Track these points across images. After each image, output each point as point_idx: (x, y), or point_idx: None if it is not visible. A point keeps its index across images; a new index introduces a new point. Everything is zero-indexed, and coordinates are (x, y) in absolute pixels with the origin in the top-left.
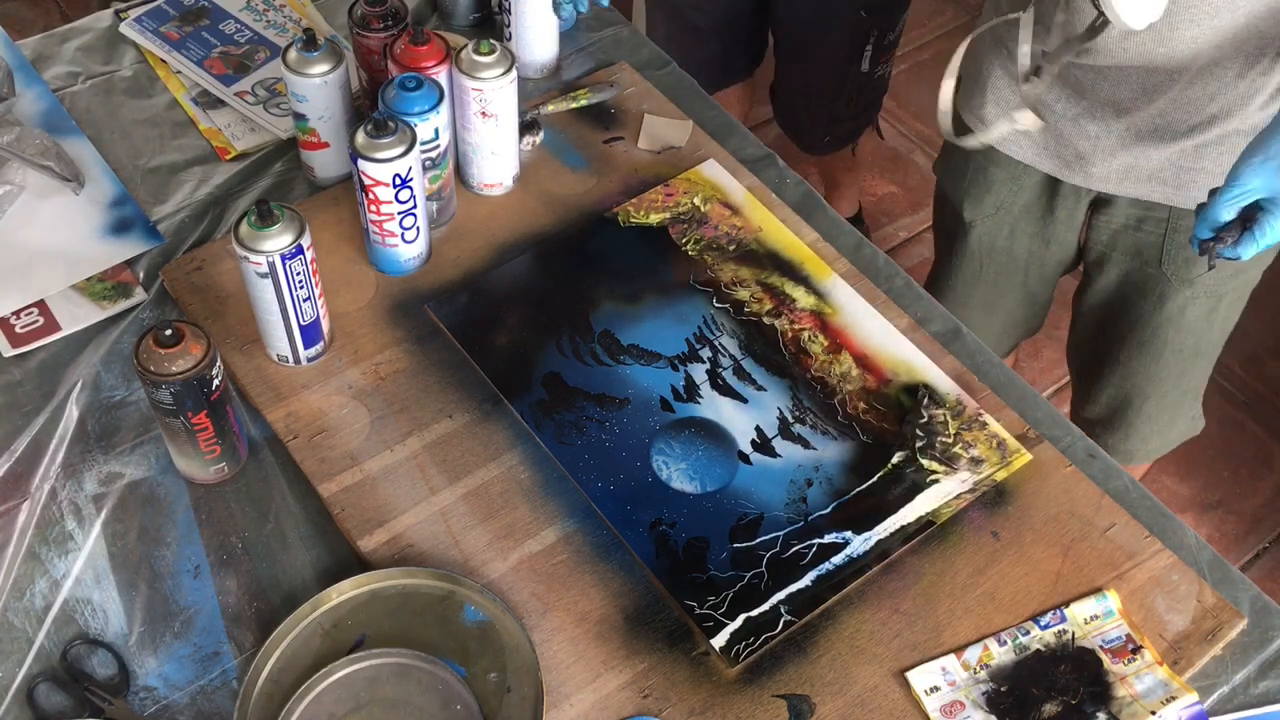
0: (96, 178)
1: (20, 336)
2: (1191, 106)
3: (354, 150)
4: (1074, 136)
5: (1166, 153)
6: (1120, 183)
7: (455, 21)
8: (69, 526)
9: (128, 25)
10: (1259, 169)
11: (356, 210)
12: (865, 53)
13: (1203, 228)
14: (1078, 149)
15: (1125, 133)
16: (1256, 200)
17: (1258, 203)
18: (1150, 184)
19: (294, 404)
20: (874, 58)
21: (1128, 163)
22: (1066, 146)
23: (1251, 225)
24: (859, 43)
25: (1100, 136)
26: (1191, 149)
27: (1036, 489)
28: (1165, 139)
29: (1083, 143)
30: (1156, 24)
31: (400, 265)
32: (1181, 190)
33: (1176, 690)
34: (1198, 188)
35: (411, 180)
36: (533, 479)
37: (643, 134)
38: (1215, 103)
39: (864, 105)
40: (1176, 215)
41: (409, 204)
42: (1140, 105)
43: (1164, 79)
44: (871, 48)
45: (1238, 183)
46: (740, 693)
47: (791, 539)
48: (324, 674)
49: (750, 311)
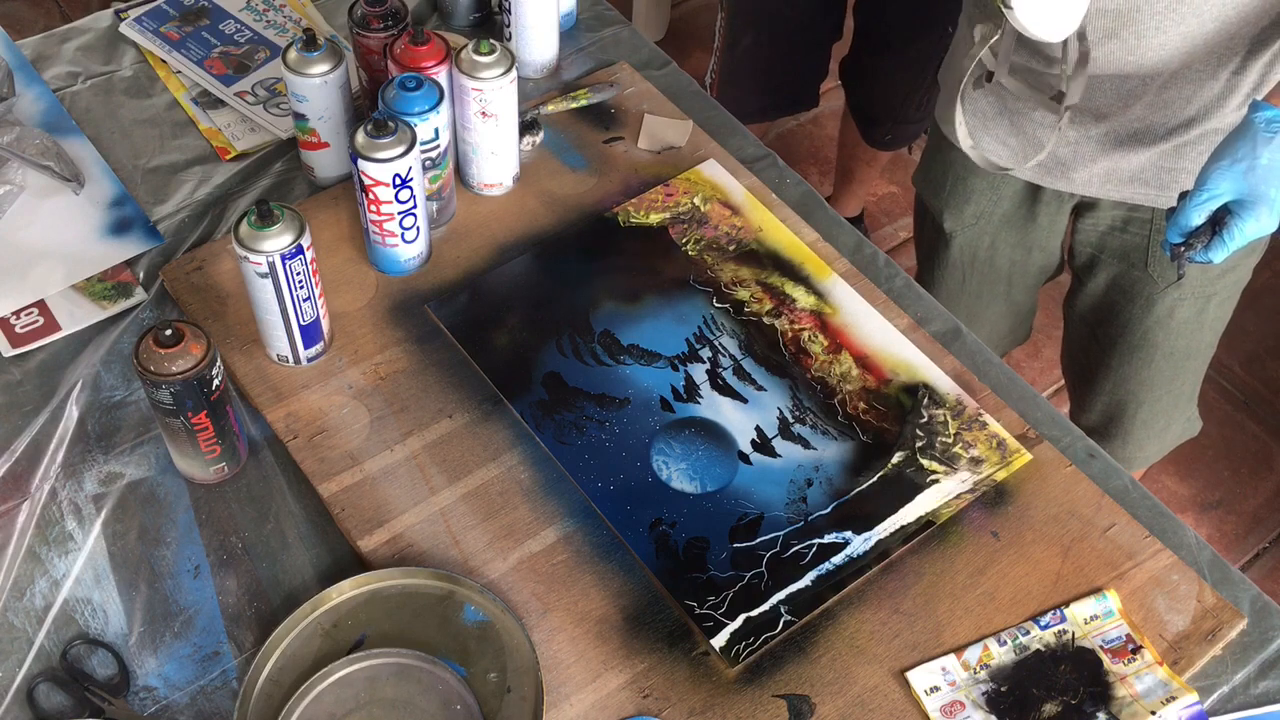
0: (96, 178)
1: (20, 336)
2: (1169, 109)
3: (354, 150)
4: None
5: (1147, 155)
6: (1102, 186)
7: (455, 21)
8: (69, 526)
9: (128, 25)
10: (1226, 172)
11: (356, 210)
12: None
13: (1173, 233)
14: (1058, 155)
15: (1104, 137)
16: (1225, 203)
17: (1226, 205)
18: (1133, 185)
19: (294, 404)
20: None
21: (1108, 167)
22: (1046, 154)
23: (1221, 229)
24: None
25: (1080, 142)
26: (1171, 150)
27: (1036, 489)
28: (1145, 142)
29: (1063, 149)
30: (1123, 34)
31: (400, 265)
32: (1164, 191)
33: (1176, 690)
34: (1180, 187)
35: (411, 180)
36: (533, 479)
37: (643, 134)
38: (1192, 105)
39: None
40: (1160, 217)
41: (409, 204)
42: (1118, 111)
43: (1138, 85)
44: None
45: (1205, 187)
46: (740, 693)
47: (791, 539)
48: (324, 674)
49: (750, 311)
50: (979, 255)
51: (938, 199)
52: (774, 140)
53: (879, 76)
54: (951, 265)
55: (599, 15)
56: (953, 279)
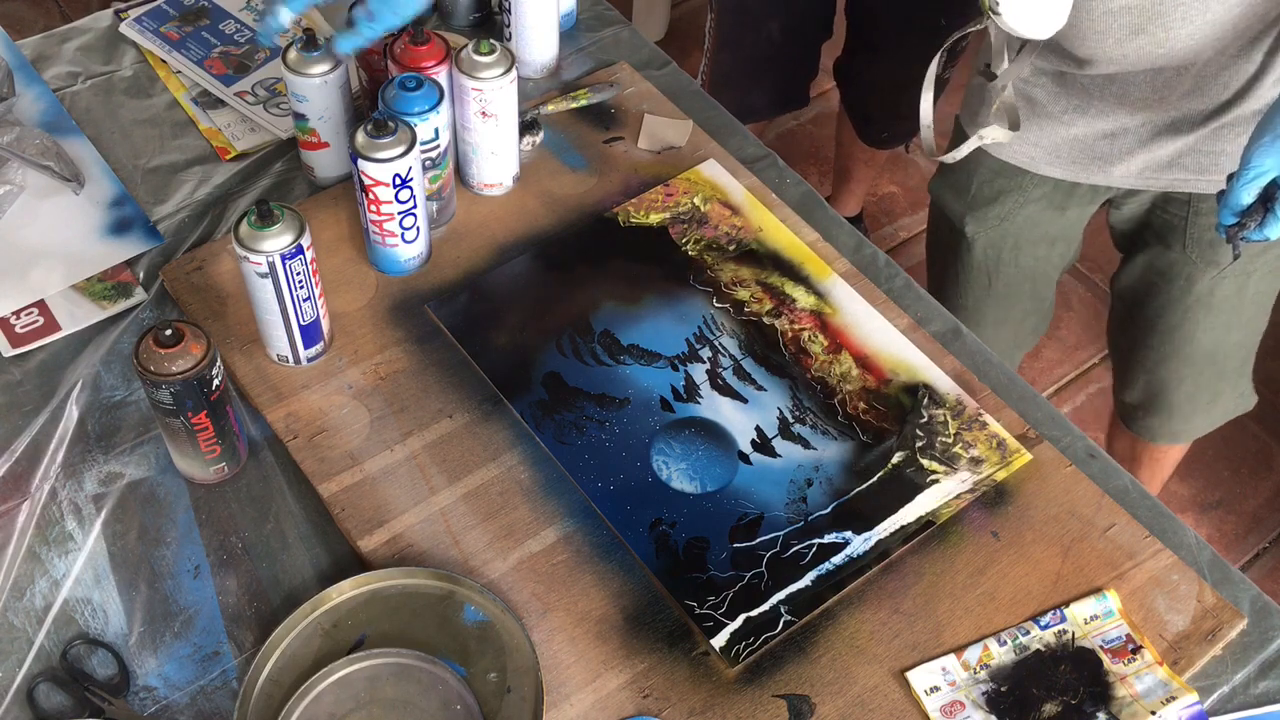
0: (96, 178)
1: (20, 336)
2: (1204, 96)
3: (354, 150)
4: (1090, 140)
5: (1184, 141)
6: (1140, 177)
7: (455, 21)
8: (69, 526)
9: (128, 25)
10: (1269, 149)
11: (356, 210)
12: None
13: (1226, 214)
14: (1094, 151)
15: (1141, 129)
16: (1274, 178)
17: (1275, 180)
18: (1171, 172)
19: (294, 404)
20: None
21: (1146, 159)
22: (1082, 151)
23: (1273, 204)
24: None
25: (1117, 136)
26: (1209, 134)
27: (1036, 489)
28: (1182, 130)
29: (1100, 144)
30: (1150, 28)
31: (400, 265)
32: (1203, 175)
33: (1176, 690)
34: (1219, 170)
35: (411, 180)
36: (533, 479)
37: (643, 134)
38: (1228, 88)
39: None
40: (1198, 199)
41: (409, 204)
42: (1154, 103)
43: (1172, 76)
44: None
45: (1251, 165)
46: (740, 693)
47: (791, 539)
48: (324, 674)
49: (750, 311)
50: (1003, 256)
51: (959, 203)
52: (774, 140)
53: (873, 73)
54: (975, 270)
55: (599, 15)
56: (977, 283)
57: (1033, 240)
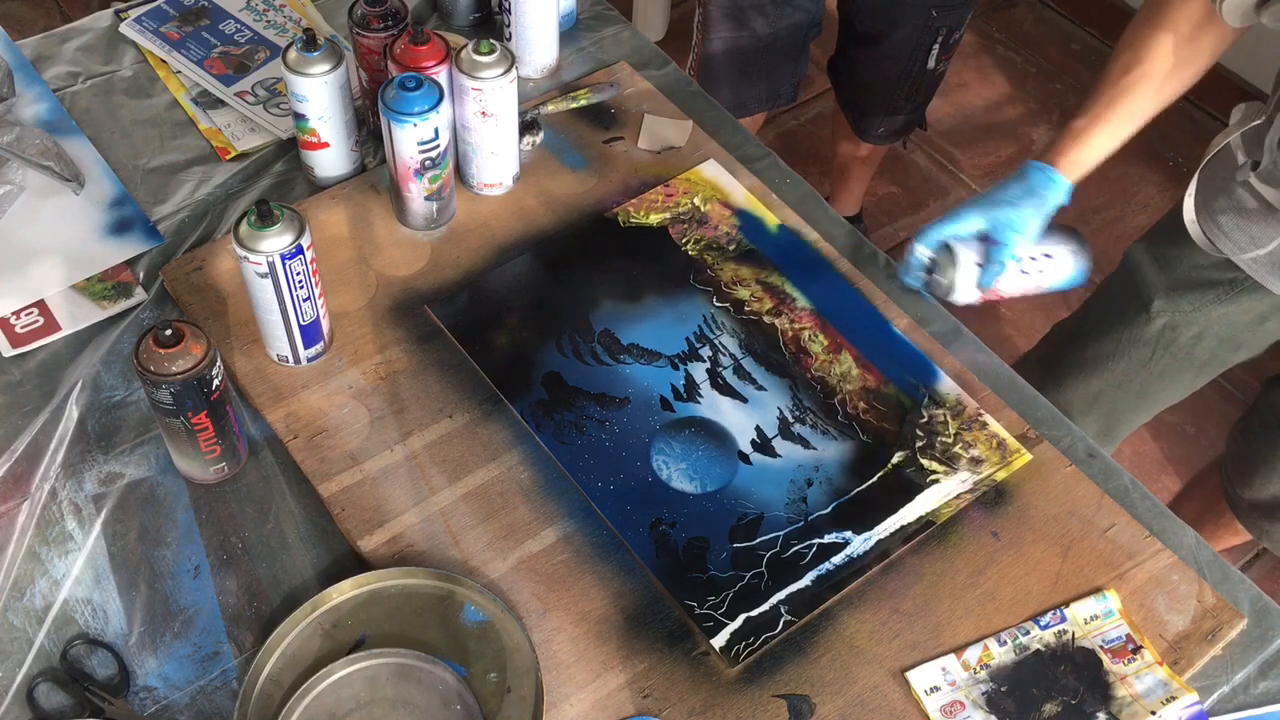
0: (96, 178)
1: (20, 336)
2: None
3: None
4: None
5: None
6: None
7: (455, 21)
8: (69, 526)
9: (128, 25)
10: None
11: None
12: (933, 50)
13: None
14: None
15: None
16: None
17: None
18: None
19: (294, 404)
20: (939, 55)
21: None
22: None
23: None
24: (928, 39)
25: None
26: None
27: (1036, 489)
28: None
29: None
30: None
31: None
32: None
33: (1176, 690)
34: None
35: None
36: (533, 479)
37: (643, 134)
38: None
39: (921, 100)
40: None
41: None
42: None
43: None
44: (939, 46)
45: None
46: (740, 693)
47: (791, 539)
48: (324, 674)
49: (750, 311)
50: (1179, 341)
51: (1159, 277)
52: (774, 140)
53: (866, 68)
54: (1143, 343)
55: (599, 15)
56: (1137, 354)
57: (1218, 338)
